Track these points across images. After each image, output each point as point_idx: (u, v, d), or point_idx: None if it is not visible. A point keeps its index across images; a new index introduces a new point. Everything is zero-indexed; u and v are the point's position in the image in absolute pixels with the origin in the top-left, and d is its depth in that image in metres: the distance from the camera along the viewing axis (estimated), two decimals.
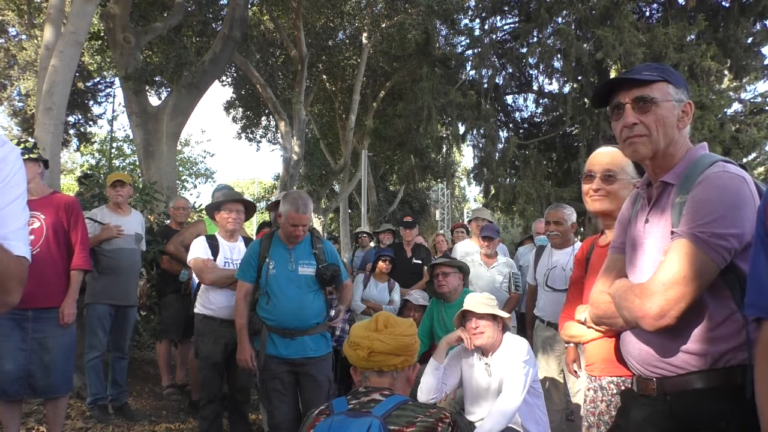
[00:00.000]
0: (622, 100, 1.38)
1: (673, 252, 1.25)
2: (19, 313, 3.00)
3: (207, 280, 3.52)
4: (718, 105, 9.01)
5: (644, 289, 1.27)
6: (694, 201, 1.26)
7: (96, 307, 4.06)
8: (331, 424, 1.51)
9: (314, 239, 3.21)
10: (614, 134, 1.45)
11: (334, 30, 15.30)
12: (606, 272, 1.53)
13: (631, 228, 1.48)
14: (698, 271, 1.21)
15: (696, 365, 1.28)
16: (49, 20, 5.47)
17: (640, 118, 1.35)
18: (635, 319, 1.28)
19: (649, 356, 1.36)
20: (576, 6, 9.47)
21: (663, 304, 1.22)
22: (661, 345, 1.33)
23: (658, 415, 1.34)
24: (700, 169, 1.31)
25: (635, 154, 1.39)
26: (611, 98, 1.42)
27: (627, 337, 1.45)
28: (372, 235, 7.49)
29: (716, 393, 1.25)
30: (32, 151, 3.16)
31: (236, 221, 3.65)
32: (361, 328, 1.73)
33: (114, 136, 20.49)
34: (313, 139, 18.98)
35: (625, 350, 1.47)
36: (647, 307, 1.24)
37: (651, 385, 1.36)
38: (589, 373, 1.88)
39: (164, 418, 4.31)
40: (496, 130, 11.09)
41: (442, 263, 3.99)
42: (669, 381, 1.32)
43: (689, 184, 1.29)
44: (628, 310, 1.30)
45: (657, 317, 1.23)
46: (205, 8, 9.65)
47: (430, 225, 26.16)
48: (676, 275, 1.22)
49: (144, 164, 7.77)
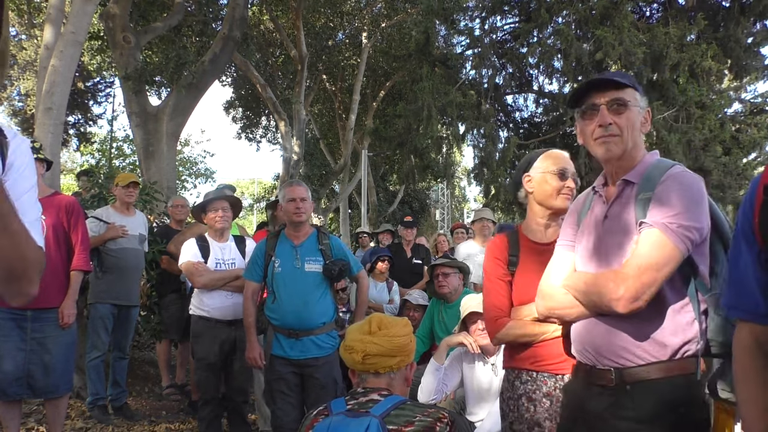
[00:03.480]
0: (598, 101, 1.45)
1: (645, 240, 1.32)
2: (18, 313, 3.01)
3: (198, 283, 3.50)
4: (718, 105, 9.00)
5: (618, 274, 1.33)
6: (662, 195, 1.35)
7: (99, 307, 4.07)
8: (329, 424, 1.51)
9: (321, 235, 3.15)
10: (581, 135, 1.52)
11: (334, 30, 15.32)
12: (556, 267, 1.59)
13: (587, 224, 1.55)
14: (667, 259, 1.30)
15: (656, 356, 1.35)
16: (49, 20, 5.47)
17: (614, 119, 1.43)
18: (608, 303, 1.34)
19: (609, 347, 1.40)
20: (576, 6, 9.47)
21: (638, 286, 1.29)
22: (621, 335, 1.38)
23: (618, 404, 1.38)
24: (661, 170, 1.42)
25: (608, 153, 1.44)
26: (584, 100, 1.49)
27: (581, 328, 1.48)
28: (372, 236, 7.50)
29: (675, 382, 1.35)
30: (38, 152, 3.19)
31: (224, 219, 3.61)
32: (355, 330, 1.72)
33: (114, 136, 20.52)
34: (313, 139, 18.99)
35: (579, 341, 1.49)
36: (622, 289, 1.30)
37: (609, 375, 1.39)
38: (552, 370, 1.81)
39: (164, 418, 4.31)
40: (496, 130, 11.09)
41: (443, 264, 3.99)
42: (628, 371, 1.37)
43: (652, 183, 1.39)
44: (600, 295, 1.36)
45: (632, 300, 1.29)
46: (205, 8, 9.65)
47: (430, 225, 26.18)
48: (650, 261, 1.29)
49: (144, 164, 7.78)
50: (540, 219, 1.95)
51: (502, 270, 1.93)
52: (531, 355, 1.82)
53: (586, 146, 1.53)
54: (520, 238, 1.97)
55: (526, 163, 1.99)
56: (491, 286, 1.94)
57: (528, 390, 1.81)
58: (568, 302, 1.49)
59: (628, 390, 1.37)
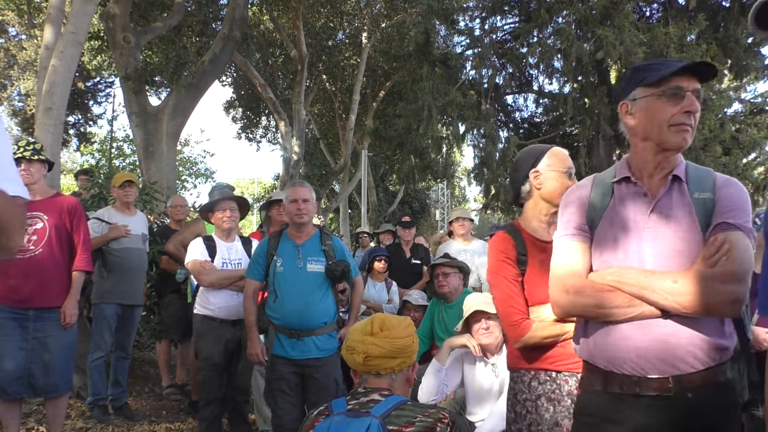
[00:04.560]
0: (686, 86, 1.37)
1: (739, 244, 1.30)
2: (20, 312, 3.02)
3: (205, 282, 3.51)
4: (718, 105, 9.00)
5: (727, 276, 1.26)
6: (734, 200, 1.36)
7: (103, 307, 4.07)
8: (330, 424, 1.51)
9: (323, 236, 3.15)
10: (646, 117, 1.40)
11: (334, 30, 15.31)
12: (579, 259, 1.46)
13: (617, 217, 1.44)
14: (753, 263, 1.31)
15: (714, 358, 1.32)
16: (49, 20, 5.46)
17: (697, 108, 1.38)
18: (718, 305, 1.26)
19: (670, 350, 1.31)
20: (576, 6, 9.47)
21: (745, 290, 1.27)
22: (687, 338, 1.31)
23: (679, 415, 1.30)
24: (703, 172, 1.43)
25: (684, 142, 1.38)
26: (666, 82, 1.37)
27: (624, 332, 1.35)
28: (372, 236, 7.50)
29: (724, 385, 1.33)
30: (41, 153, 3.20)
31: (231, 219, 3.63)
32: (357, 331, 1.71)
33: (114, 136, 20.52)
34: (313, 139, 18.99)
35: (620, 347, 1.36)
36: (735, 292, 1.26)
37: (666, 384, 1.30)
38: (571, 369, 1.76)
39: (164, 418, 4.31)
40: (496, 130, 11.08)
41: (443, 263, 3.99)
42: (689, 377, 1.30)
43: (706, 184, 1.39)
44: (704, 296, 1.26)
45: (743, 302, 1.28)
46: (205, 8, 9.65)
47: (430, 225, 26.18)
48: (749, 265, 1.29)
49: (144, 164, 7.77)
50: (544, 216, 1.90)
51: (514, 270, 1.84)
52: (551, 355, 1.78)
53: (646, 131, 1.41)
54: (525, 236, 1.90)
55: (533, 158, 1.93)
56: (506, 288, 1.83)
57: (547, 390, 1.77)
58: (623, 300, 1.34)
59: (689, 397, 1.30)
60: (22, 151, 3.13)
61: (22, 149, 3.14)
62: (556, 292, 1.47)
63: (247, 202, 3.92)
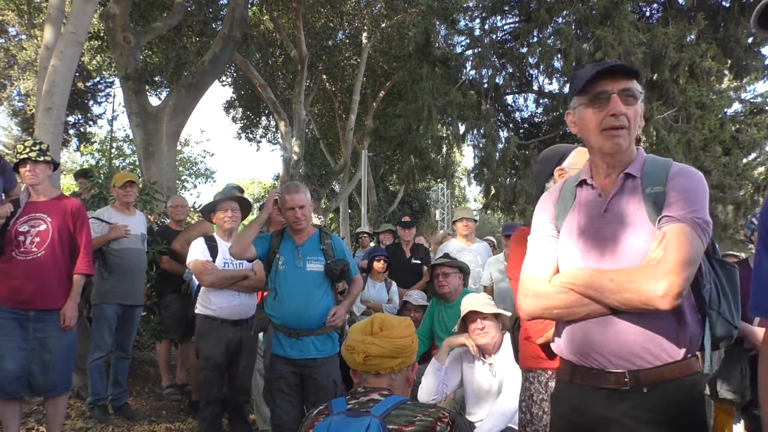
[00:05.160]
0: (610, 89, 1.36)
1: (677, 235, 1.28)
2: (21, 313, 3.03)
3: (206, 281, 3.51)
4: (718, 105, 8.99)
5: (658, 269, 1.26)
6: (681, 190, 1.34)
7: (104, 308, 4.07)
8: (330, 423, 1.51)
9: (323, 235, 3.16)
10: (581, 125, 1.44)
11: (334, 30, 15.31)
12: (541, 262, 1.50)
13: (578, 218, 1.47)
14: (699, 253, 1.29)
15: (672, 355, 1.33)
16: (49, 20, 5.46)
17: (625, 109, 1.36)
18: (646, 300, 1.26)
19: (625, 347, 1.34)
20: (576, 6, 9.46)
21: (681, 282, 1.24)
22: (640, 335, 1.34)
23: (636, 408, 1.33)
24: (661, 165, 1.41)
25: (617, 146, 1.38)
26: (591, 88, 1.39)
27: (585, 329, 1.40)
28: (372, 236, 7.50)
29: (686, 381, 1.34)
30: (46, 154, 3.20)
31: (233, 219, 3.64)
32: (357, 331, 1.72)
33: (114, 136, 20.52)
34: (313, 139, 18.99)
35: (582, 343, 1.41)
36: (665, 285, 1.24)
37: (623, 378, 1.35)
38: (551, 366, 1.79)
39: (164, 418, 4.31)
40: (496, 130, 11.07)
41: (443, 263, 3.99)
42: (646, 373, 1.33)
43: (658, 177, 1.38)
44: (637, 292, 1.27)
45: (677, 296, 1.24)
46: (205, 8, 9.65)
47: (430, 225, 26.17)
48: (687, 255, 1.26)
49: (144, 164, 7.77)
50: None
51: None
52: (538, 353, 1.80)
53: (586, 137, 1.44)
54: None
55: (559, 156, 1.97)
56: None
57: None
58: (574, 301, 1.38)
59: (645, 392, 1.33)
60: (27, 152, 3.13)
61: (27, 150, 3.14)
62: (519, 296, 1.54)
63: (249, 202, 3.93)
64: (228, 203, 3.66)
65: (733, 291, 1.43)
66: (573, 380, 1.44)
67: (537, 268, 1.50)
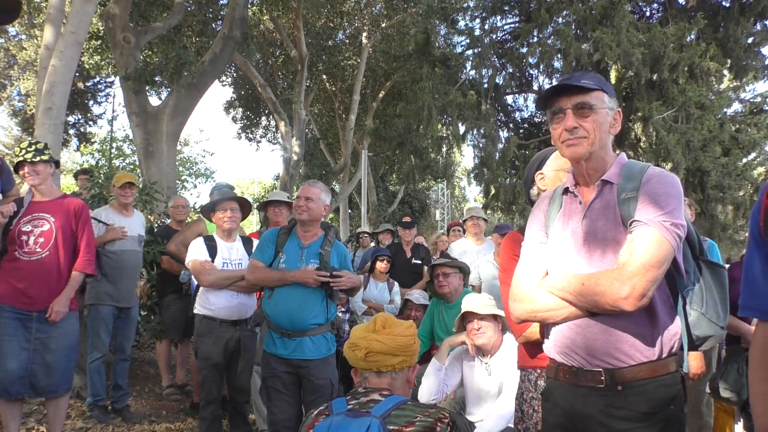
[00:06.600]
0: (564, 106, 1.47)
1: (643, 238, 1.34)
2: (24, 313, 3.03)
3: (205, 282, 3.50)
4: (718, 105, 8.98)
5: (622, 272, 1.33)
6: (650, 194, 1.39)
7: (99, 309, 4.06)
8: (330, 424, 1.51)
9: (325, 240, 3.11)
10: (554, 137, 1.53)
11: (334, 30, 15.32)
12: (529, 269, 1.58)
13: (562, 225, 1.55)
14: (666, 256, 1.34)
15: (647, 355, 1.39)
16: (49, 20, 5.47)
17: (580, 122, 1.45)
18: (612, 302, 1.33)
19: (601, 347, 1.41)
20: (576, 6, 9.47)
21: (644, 284, 1.30)
22: (614, 336, 1.40)
23: (611, 405, 1.40)
24: (638, 170, 1.47)
25: (573, 154, 1.48)
26: (551, 104, 1.51)
27: (566, 330, 1.47)
28: (372, 236, 7.50)
29: (662, 381, 1.39)
30: (43, 153, 3.18)
31: (232, 220, 3.62)
32: (360, 329, 1.74)
33: (114, 136, 20.53)
34: (313, 139, 19.00)
35: (564, 343, 1.48)
36: (628, 288, 1.31)
37: (599, 376, 1.41)
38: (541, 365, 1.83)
39: (164, 418, 4.31)
40: (496, 130, 11.08)
41: (443, 263, 3.99)
42: (620, 372, 1.39)
43: (634, 183, 1.43)
44: (603, 295, 1.34)
45: (640, 297, 1.30)
46: (205, 8, 9.66)
47: (430, 225, 26.18)
48: (652, 258, 1.32)
49: (144, 164, 7.78)
50: None
51: None
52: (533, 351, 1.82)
53: (557, 147, 1.55)
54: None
55: (539, 161, 1.99)
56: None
57: None
58: (555, 304, 1.47)
59: (619, 391, 1.39)
60: (23, 154, 3.12)
61: (23, 151, 3.13)
62: (509, 300, 1.64)
63: (249, 202, 3.91)
64: (228, 203, 3.64)
65: (721, 291, 1.49)
66: (557, 377, 1.53)
67: (525, 274, 1.59)
